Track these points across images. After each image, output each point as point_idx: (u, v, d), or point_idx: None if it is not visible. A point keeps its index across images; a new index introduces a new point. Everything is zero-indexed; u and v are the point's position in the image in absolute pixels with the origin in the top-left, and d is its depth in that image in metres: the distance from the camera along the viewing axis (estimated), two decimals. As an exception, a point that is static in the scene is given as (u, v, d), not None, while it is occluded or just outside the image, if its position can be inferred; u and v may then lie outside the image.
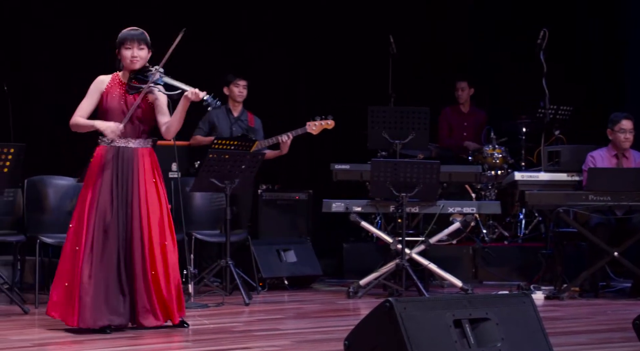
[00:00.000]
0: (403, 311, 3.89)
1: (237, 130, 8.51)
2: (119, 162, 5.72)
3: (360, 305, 7.39)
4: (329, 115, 8.33)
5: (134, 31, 5.78)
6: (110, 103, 5.76)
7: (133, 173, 5.72)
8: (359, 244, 9.32)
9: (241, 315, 6.76)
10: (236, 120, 8.56)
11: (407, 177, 7.58)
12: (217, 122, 8.48)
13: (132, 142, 5.76)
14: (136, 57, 5.74)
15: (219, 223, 8.07)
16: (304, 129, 8.30)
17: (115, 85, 5.80)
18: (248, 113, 8.64)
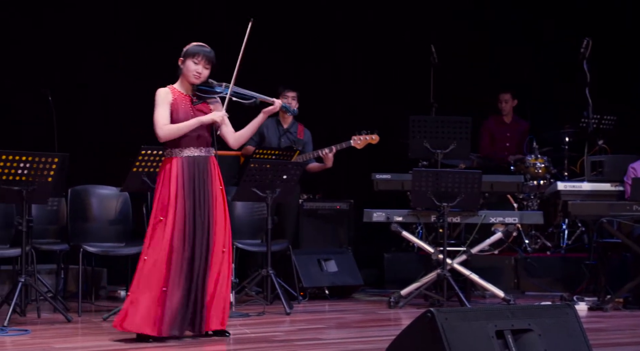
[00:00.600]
0: (445, 322, 3.87)
1: (285, 141, 8.53)
2: (194, 171, 5.78)
3: (402, 315, 7.37)
4: (375, 129, 8.31)
5: (206, 49, 5.83)
6: (180, 115, 5.80)
7: (207, 182, 5.80)
8: (400, 254, 9.29)
9: (282, 325, 6.76)
10: (285, 132, 8.57)
11: (449, 187, 7.55)
12: (266, 133, 8.50)
13: (204, 150, 5.83)
14: (200, 74, 5.80)
15: (260, 232, 8.09)
16: (348, 143, 8.30)
17: (179, 97, 5.85)
18: (299, 125, 8.64)
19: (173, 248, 5.69)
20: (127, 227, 7.67)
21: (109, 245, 7.51)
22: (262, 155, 8.05)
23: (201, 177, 5.79)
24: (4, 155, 6.39)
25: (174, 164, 5.80)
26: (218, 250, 5.81)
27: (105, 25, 9.27)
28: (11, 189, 6.45)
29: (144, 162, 7.00)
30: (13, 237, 7.00)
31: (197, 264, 5.75)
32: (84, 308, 7.13)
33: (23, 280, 6.53)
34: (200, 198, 5.77)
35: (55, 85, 8.54)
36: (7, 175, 6.42)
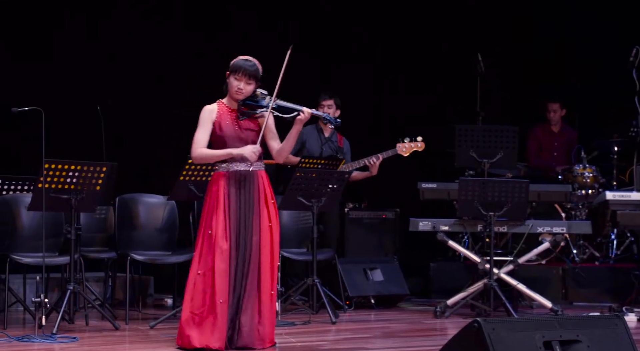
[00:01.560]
0: (492, 332, 3.85)
1: (327, 150, 8.53)
2: (242, 185, 5.78)
3: (448, 325, 7.33)
4: (419, 136, 8.28)
5: (249, 64, 5.80)
6: (225, 131, 5.79)
7: (255, 196, 5.79)
8: (446, 263, 9.25)
9: (328, 334, 6.76)
10: (327, 141, 8.57)
11: (496, 196, 7.51)
12: (308, 142, 8.51)
13: (251, 165, 5.81)
14: (242, 90, 5.78)
15: (305, 241, 8.10)
16: (394, 151, 8.27)
17: (224, 112, 5.84)
18: (338, 134, 8.65)
19: (222, 261, 5.69)
20: (174, 235, 7.71)
21: (155, 253, 7.56)
22: (307, 164, 8.06)
23: (247, 191, 5.78)
24: (54, 164, 6.48)
25: (221, 178, 5.80)
26: (268, 265, 5.79)
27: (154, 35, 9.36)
28: (60, 198, 6.53)
29: (190, 171, 7.04)
30: (62, 245, 7.07)
31: (238, 280, 5.74)
32: (131, 316, 7.19)
33: (71, 287, 6.60)
34: (246, 213, 5.76)
35: (104, 95, 8.63)
36: (57, 184, 6.50)
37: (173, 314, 7.00)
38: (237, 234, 5.75)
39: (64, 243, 7.00)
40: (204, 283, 5.71)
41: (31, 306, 6.64)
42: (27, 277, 7.52)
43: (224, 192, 5.77)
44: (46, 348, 5.93)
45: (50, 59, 8.84)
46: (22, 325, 6.98)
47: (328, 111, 8.41)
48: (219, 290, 5.67)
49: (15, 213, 7.06)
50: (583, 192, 9.23)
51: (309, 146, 8.49)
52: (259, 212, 5.80)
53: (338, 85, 9.70)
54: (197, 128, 5.81)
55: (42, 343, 6.04)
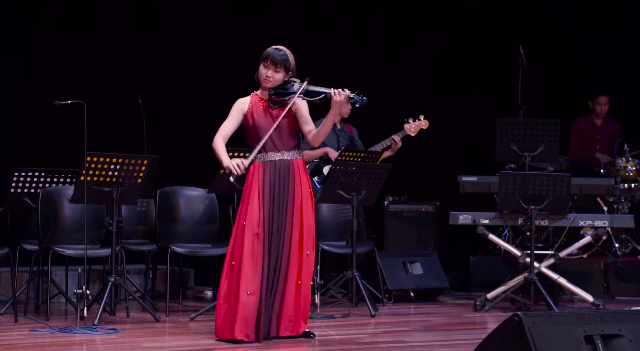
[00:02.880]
0: (532, 326, 3.82)
1: (343, 141, 8.53)
2: (277, 175, 5.78)
3: (488, 318, 7.30)
4: (421, 115, 8.30)
5: (277, 52, 5.80)
6: (257, 121, 5.81)
7: (291, 185, 5.79)
8: (486, 257, 9.21)
9: (367, 327, 6.76)
10: (341, 132, 8.58)
11: (537, 190, 7.46)
12: (325, 135, 8.46)
13: (286, 154, 5.82)
14: (270, 77, 5.77)
15: (345, 234, 8.10)
16: (403, 132, 8.32)
17: (257, 103, 5.86)
18: (345, 123, 8.65)
19: (253, 252, 5.71)
20: (214, 228, 7.75)
21: (196, 246, 7.60)
22: (348, 158, 8.05)
23: (282, 181, 5.78)
24: (96, 157, 6.53)
25: (256, 169, 5.81)
26: (297, 254, 5.78)
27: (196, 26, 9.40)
28: (102, 190, 6.59)
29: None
30: (103, 237, 7.13)
31: (271, 269, 5.75)
32: (171, 308, 7.23)
33: (113, 279, 6.65)
34: (280, 203, 5.77)
35: (146, 87, 8.68)
36: (99, 176, 6.56)
37: (213, 306, 7.02)
38: (270, 224, 5.76)
39: (106, 236, 7.06)
40: (237, 274, 5.72)
41: (73, 298, 6.71)
42: (70, 269, 7.60)
43: (259, 183, 5.78)
44: (88, 339, 5.99)
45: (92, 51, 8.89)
46: (64, 316, 7.05)
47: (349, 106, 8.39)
48: (247, 281, 5.69)
49: (58, 205, 7.13)
50: (625, 186, 9.15)
51: (326, 140, 8.43)
52: (293, 200, 5.79)
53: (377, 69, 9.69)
54: (228, 117, 5.88)
55: (84, 334, 6.10)
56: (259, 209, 5.75)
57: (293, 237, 5.79)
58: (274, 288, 5.78)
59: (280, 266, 5.78)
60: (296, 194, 5.80)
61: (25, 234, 7.37)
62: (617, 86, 10.20)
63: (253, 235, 5.72)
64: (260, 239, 5.73)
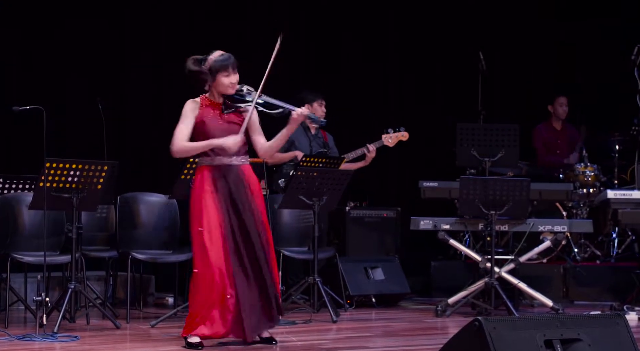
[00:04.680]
0: (492, 331, 3.84)
1: (316, 147, 8.54)
2: (229, 179, 5.69)
3: (449, 323, 7.33)
4: (402, 127, 8.31)
5: (228, 57, 5.75)
6: (208, 124, 5.73)
7: (245, 189, 5.72)
8: (447, 262, 9.24)
9: (329, 333, 6.76)
10: (314, 137, 8.57)
11: (497, 195, 7.50)
12: (297, 140, 8.48)
13: (236, 159, 5.74)
14: (234, 83, 5.74)
15: (306, 240, 8.10)
16: (380, 142, 8.30)
17: (207, 106, 5.78)
18: (321, 130, 8.65)
19: (221, 256, 5.64)
20: (175, 234, 7.71)
21: (157, 252, 7.56)
22: (308, 163, 8.05)
23: (234, 185, 5.70)
24: (55, 162, 6.47)
25: (205, 172, 5.73)
26: (270, 259, 5.77)
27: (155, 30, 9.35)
28: (61, 197, 6.53)
29: (192, 169, 7.04)
30: (63, 244, 7.08)
31: (244, 271, 5.70)
32: (132, 314, 7.18)
33: (73, 286, 6.59)
34: (237, 206, 5.68)
35: (104, 93, 8.62)
36: (58, 182, 6.50)
37: (174, 313, 7.00)
38: (231, 228, 5.68)
39: (65, 242, 7.00)
40: (204, 280, 5.67)
41: (32, 305, 6.64)
42: (29, 276, 7.52)
43: (210, 187, 5.69)
44: (47, 347, 5.93)
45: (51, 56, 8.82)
46: (23, 324, 6.98)
47: (324, 110, 8.41)
48: (222, 286, 5.64)
49: (17, 212, 7.06)
50: (584, 191, 9.23)
51: (298, 144, 8.46)
52: (251, 204, 5.72)
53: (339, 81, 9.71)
54: (179, 121, 5.74)
55: (43, 342, 6.04)
56: (218, 212, 5.68)
57: (262, 243, 5.73)
58: (250, 287, 5.72)
59: (251, 266, 5.72)
60: (251, 199, 5.72)
61: (-17, 241, 7.28)
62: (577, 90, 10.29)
63: (215, 240, 5.66)
64: (221, 244, 5.67)
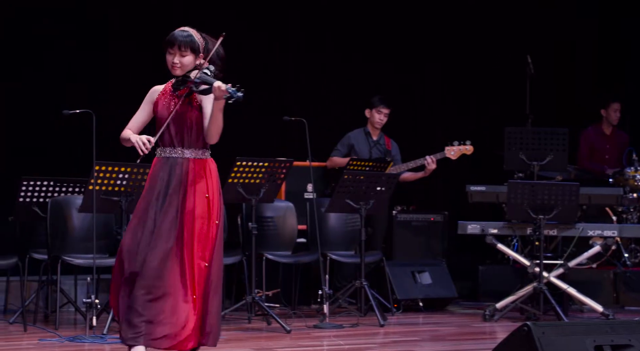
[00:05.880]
0: (541, 336, 3.81)
1: (376, 153, 8.53)
2: (170, 173, 4.95)
3: (497, 328, 7.28)
4: (467, 141, 8.27)
5: (180, 33, 4.97)
6: (160, 112, 5.00)
7: (182, 186, 4.93)
8: (495, 266, 9.19)
9: (376, 337, 6.75)
10: (375, 144, 8.57)
11: (545, 199, 7.44)
12: (357, 145, 8.51)
13: (186, 152, 4.95)
14: (177, 64, 4.95)
15: (353, 244, 8.10)
16: (442, 154, 8.27)
17: (166, 93, 5.04)
18: (385, 137, 8.65)
19: (123, 256, 4.96)
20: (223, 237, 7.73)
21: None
22: (356, 167, 8.06)
23: (176, 181, 4.93)
24: (104, 166, 6.55)
25: (155, 164, 5.03)
26: (197, 265, 4.90)
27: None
28: (111, 199, 6.60)
29: (239, 173, 7.08)
30: (112, 246, 7.14)
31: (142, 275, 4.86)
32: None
33: (121, 288, 6.64)
34: (170, 203, 4.90)
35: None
36: (107, 185, 6.57)
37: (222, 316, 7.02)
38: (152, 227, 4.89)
39: (115, 245, 7.06)
40: None
41: (82, 307, 6.72)
42: (78, 278, 7.61)
43: (153, 180, 4.98)
44: (97, 348, 5.99)
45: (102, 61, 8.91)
46: (73, 325, 7.06)
47: (384, 118, 8.44)
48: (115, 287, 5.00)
49: (67, 214, 7.15)
50: (634, 195, 9.12)
51: (357, 149, 8.49)
52: (186, 203, 4.91)
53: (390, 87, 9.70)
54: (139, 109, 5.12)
55: (93, 343, 6.10)
56: (143, 208, 4.94)
57: (186, 246, 4.89)
58: None
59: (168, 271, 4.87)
60: (189, 198, 4.91)
61: (34, 243, 7.38)
62: (628, 97, 10.19)
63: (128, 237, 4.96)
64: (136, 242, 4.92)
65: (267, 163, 7.14)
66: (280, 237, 7.87)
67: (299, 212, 7.98)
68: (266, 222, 7.81)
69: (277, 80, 9.51)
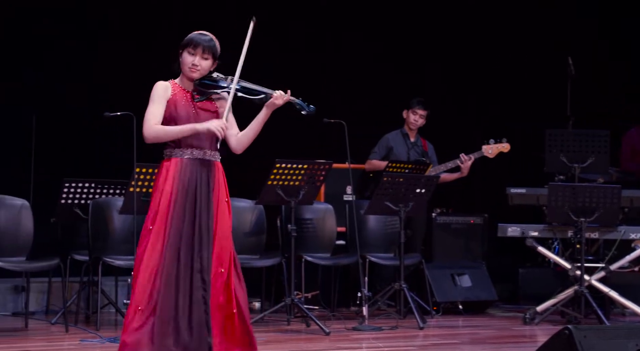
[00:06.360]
0: (583, 340, 3.79)
1: (414, 155, 8.52)
2: (196, 175, 4.87)
3: (537, 331, 7.24)
4: (504, 138, 8.24)
5: (203, 36, 4.93)
6: (179, 111, 4.90)
7: (210, 189, 4.89)
8: (535, 269, 9.13)
9: (415, 339, 6.73)
10: (413, 145, 8.56)
11: (587, 202, 7.39)
12: (395, 147, 8.50)
13: (209, 153, 4.92)
14: (197, 66, 4.91)
15: (393, 246, 8.08)
16: (480, 153, 8.24)
17: (178, 92, 4.96)
18: (421, 138, 8.63)
19: (164, 261, 4.78)
20: (262, 239, 7.77)
21: (244, 257, 7.59)
22: (395, 169, 8.05)
23: (204, 182, 4.88)
24: (144, 168, 6.58)
25: (172, 166, 4.89)
26: (216, 269, 4.88)
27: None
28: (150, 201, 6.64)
29: (278, 175, 7.10)
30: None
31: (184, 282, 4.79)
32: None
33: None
34: (202, 206, 4.85)
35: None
36: (148, 187, 6.62)
37: (261, 318, 7.07)
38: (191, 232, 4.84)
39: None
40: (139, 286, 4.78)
41: (123, 308, 6.76)
42: (119, 279, 7.67)
43: (173, 182, 4.86)
44: (137, 349, 6.02)
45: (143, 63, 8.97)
46: (114, 326, 7.11)
47: (419, 119, 8.43)
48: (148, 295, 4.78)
49: (108, 216, 7.21)
50: (678, 197, 9.01)
51: (396, 152, 8.48)
52: (217, 207, 4.90)
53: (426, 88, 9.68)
54: (150, 104, 4.91)
55: (133, 344, 6.13)
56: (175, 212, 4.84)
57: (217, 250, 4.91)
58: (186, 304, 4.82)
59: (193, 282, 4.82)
60: (218, 200, 4.90)
61: (75, 244, 7.46)
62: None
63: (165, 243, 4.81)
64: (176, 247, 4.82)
65: (307, 165, 7.15)
66: (320, 239, 7.89)
67: (338, 214, 7.99)
68: (305, 224, 7.83)
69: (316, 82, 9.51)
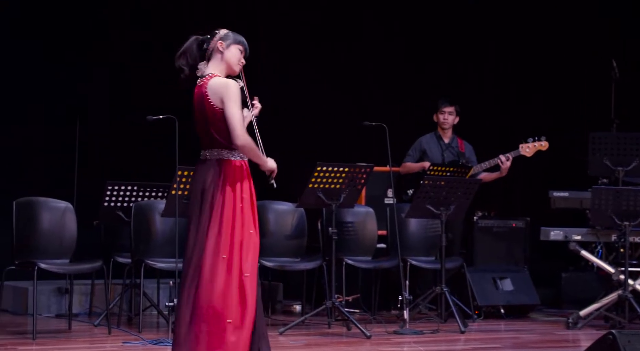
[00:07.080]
0: (627, 345, 3.76)
1: (449, 156, 8.47)
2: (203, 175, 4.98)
3: (581, 336, 7.17)
4: (542, 136, 8.17)
5: None
6: None
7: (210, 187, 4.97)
8: (578, 273, 9.05)
9: (457, 343, 6.71)
10: (447, 147, 8.51)
11: (631, 205, 7.32)
12: (428, 149, 8.46)
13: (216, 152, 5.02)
14: (243, 63, 5.03)
15: (434, 249, 8.06)
16: (517, 152, 8.18)
17: None
18: (458, 139, 8.58)
19: None
20: (303, 242, 7.78)
21: (285, 260, 7.64)
22: (436, 172, 8.02)
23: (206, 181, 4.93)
24: (186, 170, 6.62)
25: (244, 170, 5.08)
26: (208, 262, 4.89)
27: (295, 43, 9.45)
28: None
29: (319, 178, 7.10)
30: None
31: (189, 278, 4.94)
32: (261, 321, 7.26)
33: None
34: (204, 205, 4.90)
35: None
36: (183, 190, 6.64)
37: (302, 320, 7.07)
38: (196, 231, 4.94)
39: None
40: None
41: (165, 311, 6.81)
42: (161, 282, 7.72)
43: (248, 185, 5.06)
44: (179, 351, 6.05)
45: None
46: (156, 328, 7.16)
47: (448, 117, 8.37)
48: None
49: (150, 219, 7.25)
50: None
51: (430, 154, 8.43)
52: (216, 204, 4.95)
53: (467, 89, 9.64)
54: (234, 105, 4.82)
55: (175, 346, 6.17)
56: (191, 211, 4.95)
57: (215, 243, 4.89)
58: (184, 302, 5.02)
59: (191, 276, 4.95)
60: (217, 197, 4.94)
61: (118, 247, 7.52)
62: None
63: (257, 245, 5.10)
64: None
65: (348, 168, 7.15)
66: (360, 242, 7.88)
67: (379, 217, 7.97)
68: (346, 227, 7.83)
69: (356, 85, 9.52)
